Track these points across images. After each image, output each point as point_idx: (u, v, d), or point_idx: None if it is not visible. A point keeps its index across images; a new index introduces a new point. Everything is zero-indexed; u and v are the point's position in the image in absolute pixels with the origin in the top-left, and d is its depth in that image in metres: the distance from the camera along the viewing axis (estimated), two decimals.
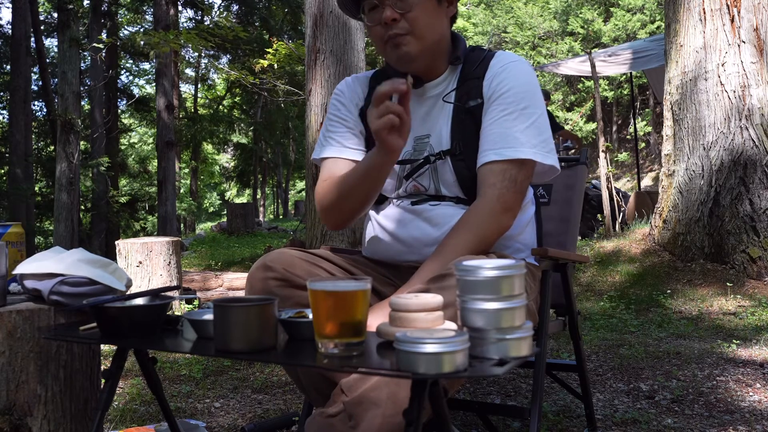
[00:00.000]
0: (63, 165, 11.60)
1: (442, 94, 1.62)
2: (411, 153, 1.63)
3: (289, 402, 2.46)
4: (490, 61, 1.61)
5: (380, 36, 1.57)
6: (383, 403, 1.18)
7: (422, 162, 1.60)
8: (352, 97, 1.73)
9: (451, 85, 1.63)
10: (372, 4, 1.57)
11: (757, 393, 2.42)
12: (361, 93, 1.73)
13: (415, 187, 1.62)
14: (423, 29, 1.54)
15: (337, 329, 1.07)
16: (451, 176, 1.58)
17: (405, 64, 1.57)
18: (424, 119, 1.63)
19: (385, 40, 1.56)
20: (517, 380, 2.69)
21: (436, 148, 1.59)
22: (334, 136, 1.70)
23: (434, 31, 1.57)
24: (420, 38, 1.54)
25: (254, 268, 1.54)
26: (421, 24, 1.54)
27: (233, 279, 5.22)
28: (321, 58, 4.99)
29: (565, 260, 1.83)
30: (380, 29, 1.56)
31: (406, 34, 1.53)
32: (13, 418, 1.46)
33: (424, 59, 1.58)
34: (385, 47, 1.57)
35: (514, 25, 19.82)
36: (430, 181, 1.61)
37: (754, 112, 4.69)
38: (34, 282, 1.53)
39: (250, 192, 28.95)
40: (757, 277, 4.41)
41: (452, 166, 1.57)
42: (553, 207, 2.11)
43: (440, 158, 1.58)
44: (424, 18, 1.54)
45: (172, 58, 15.06)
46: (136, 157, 25.67)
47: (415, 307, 1.13)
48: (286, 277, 1.50)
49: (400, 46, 1.54)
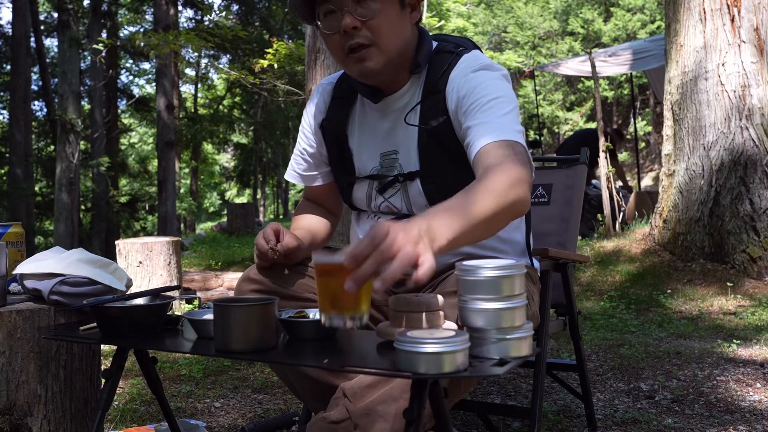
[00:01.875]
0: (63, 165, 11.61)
1: (405, 108, 1.53)
2: (378, 169, 1.56)
3: (289, 402, 2.46)
4: (451, 72, 1.48)
5: (339, 45, 1.45)
6: (391, 418, 1.16)
7: (392, 180, 1.54)
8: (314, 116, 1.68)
9: (415, 97, 1.52)
10: (328, 9, 1.43)
11: (757, 393, 2.42)
12: (322, 106, 1.67)
13: (387, 208, 1.58)
14: (386, 39, 1.43)
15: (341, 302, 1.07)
16: (422, 198, 1.51)
17: (367, 79, 1.49)
18: (389, 134, 1.56)
19: (346, 52, 1.44)
20: (517, 380, 2.69)
21: (405, 168, 1.53)
22: (296, 167, 1.73)
23: (398, 40, 1.45)
24: (384, 50, 1.43)
25: (240, 280, 1.54)
26: (383, 33, 1.42)
27: (233, 279, 5.22)
28: (321, 58, 4.99)
29: (566, 260, 1.83)
30: (338, 38, 1.44)
31: (369, 45, 1.42)
32: (13, 418, 1.46)
33: (388, 72, 1.48)
34: (346, 59, 1.46)
35: (514, 25, 19.81)
36: (402, 202, 1.55)
37: (755, 112, 4.68)
38: (34, 282, 1.53)
39: (250, 192, 28.94)
40: (758, 277, 4.41)
41: (422, 189, 1.51)
42: (553, 207, 2.11)
43: (410, 179, 1.52)
44: (387, 26, 1.42)
45: (172, 58, 15.06)
46: (136, 157, 25.68)
47: (415, 307, 1.13)
48: (270, 288, 1.49)
49: (363, 61, 1.43)
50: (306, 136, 1.69)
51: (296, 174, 1.73)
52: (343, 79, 1.65)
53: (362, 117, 1.60)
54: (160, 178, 14.59)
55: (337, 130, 1.61)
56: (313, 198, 1.78)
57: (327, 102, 1.65)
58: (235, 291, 1.54)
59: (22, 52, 14.83)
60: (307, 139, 1.69)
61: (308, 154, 1.69)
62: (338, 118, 1.61)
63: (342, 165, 1.62)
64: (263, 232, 1.51)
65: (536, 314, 1.60)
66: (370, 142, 1.58)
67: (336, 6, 1.41)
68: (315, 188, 1.75)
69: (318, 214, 1.74)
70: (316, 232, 1.68)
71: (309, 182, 1.73)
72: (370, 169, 1.58)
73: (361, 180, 1.60)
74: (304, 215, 1.74)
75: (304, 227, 1.68)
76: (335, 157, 1.64)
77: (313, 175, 1.71)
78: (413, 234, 0.99)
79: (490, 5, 21.61)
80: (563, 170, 2.18)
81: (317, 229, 1.69)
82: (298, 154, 1.72)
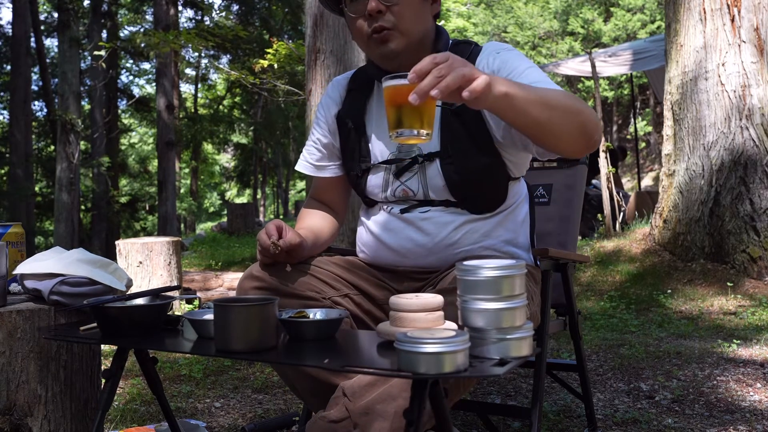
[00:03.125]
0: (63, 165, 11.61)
1: None
2: (396, 153, 1.58)
3: (289, 402, 2.46)
4: (477, 56, 1.55)
5: (363, 29, 1.52)
6: (390, 417, 1.16)
7: (410, 162, 1.57)
8: (329, 107, 1.71)
9: None
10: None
11: (757, 393, 2.42)
12: (338, 98, 1.71)
13: (403, 192, 1.58)
14: (408, 24, 1.50)
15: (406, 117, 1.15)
16: (440, 180, 1.53)
17: (389, 62, 1.53)
18: None
19: (369, 35, 1.51)
20: (518, 380, 2.69)
21: (424, 150, 1.55)
22: (308, 157, 1.75)
23: (419, 26, 1.53)
24: (405, 34, 1.50)
25: (242, 277, 1.54)
26: (406, 18, 1.49)
27: (233, 279, 5.22)
28: (321, 58, 4.99)
29: (566, 260, 1.83)
30: (363, 22, 1.51)
31: (391, 29, 1.49)
32: (14, 418, 1.46)
33: (408, 56, 1.50)
34: (369, 42, 1.52)
35: (514, 25, 19.80)
36: (419, 184, 1.56)
37: (755, 112, 4.68)
38: (34, 282, 1.53)
39: (251, 192, 28.94)
40: (758, 277, 4.41)
41: (441, 170, 1.52)
42: (553, 207, 2.11)
43: (429, 160, 1.54)
44: (410, 12, 1.50)
45: (172, 58, 15.07)
46: (136, 157, 25.69)
47: (415, 307, 1.13)
48: (274, 286, 1.49)
49: (385, 42, 1.50)
50: (320, 127, 1.72)
51: (308, 164, 1.75)
52: (358, 73, 1.70)
53: (380, 106, 1.63)
54: (160, 178, 14.60)
55: (354, 119, 1.64)
56: (320, 195, 1.78)
57: (342, 95, 1.70)
58: (238, 288, 1.54)
59: (22, 52, 14.84)
60: (321, 129, 1.71)
61: (321, 144, 1.72)
62: (355, 107, 1.65)
63: (358, 153, 1.64)
64: (265, 228, 1.52)
65: (536, 314, 1.60)
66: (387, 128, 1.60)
67: None
68: (323, 182, 1.76)
69: (323, 215, 1.75)
70: (320, 232, 1.69)
71: (320, 172, 1.74)
72: (388, 155, 1.60)
73: (377, 167, 1.61)
74: (308, 215, 1.75)
75: (308, 227, 1.68)
76: (351, 147, 1.65)
77: (325, 166, 1.73)
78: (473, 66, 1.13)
79: (490, 5, 21.60)
80: (563, 170, 2.18)
81: (321, 229, 1.70)
82: (312, 144, 1.74)
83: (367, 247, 1.67)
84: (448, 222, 1.54)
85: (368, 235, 1.66)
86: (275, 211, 32.23)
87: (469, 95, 1.10)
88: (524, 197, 1.69)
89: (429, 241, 1.55)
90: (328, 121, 1.70)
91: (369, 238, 1.66)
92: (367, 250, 1.68)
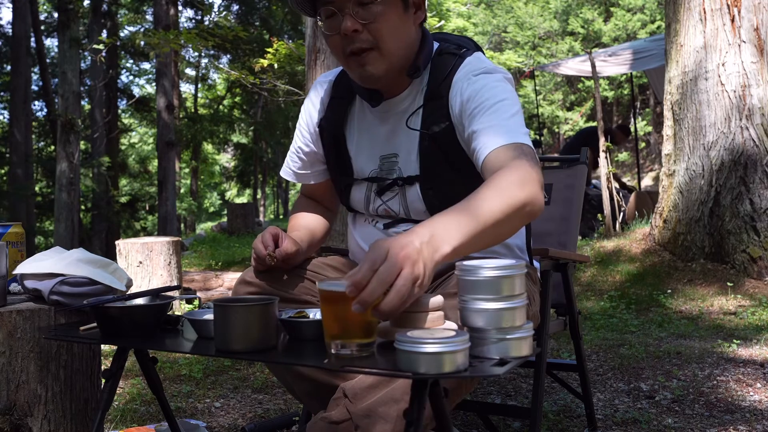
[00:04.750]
0: (63, 165, 11.61)
1: (406, 112, 1.51)
2: (378, 171, 1.55)
3: (289, 402, 2.46)
4: (456, 72, 1.45)
5: (340, 47, 1.42)
6: (393, 420, 1.15)
7: (391, 183, 1.52)
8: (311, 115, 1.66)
9: (416, 101, 1.50)
10: (330, 12, 1.39)
11: (757, 393, 2.42)
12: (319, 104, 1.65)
13: (385, 211, 1.56)
14: (388, 42, 1.39)
15: (348, 330, 1.06)
16: (421, 204, 1.50)
17: (368, 83, 1.46)
18: (389, 138, 1.54)
19: (347, 54, 1.41)
20: (518, 380, 2.69)
21: (404, 172, 1.51)
22: (291, 165, 1.73)
23: (400, 44, 1.42)
24: (386, 54, 1.40)
25: (237, 282, 1.54)
26: (385, 36, 1.39)
27: (233, 279, 5.22)
28: (321, 58, 4.98)
29: (566, 260, 1.83)
30: (339, 39, 1.40)
31: (371, 49, 1.39)
32: (14, 418, 1.46)
33: (389, 78, 1.45)
34: (348, 61, 1.43)
35: (514, 25, 19.80)
36: (400, 206, 1.54)
37: (755, 112, 4.68)
38: (34, 282, 1.53)
39: (251, 192, 28.94)
40: (758, 277, 4.41)
41: (421, 195, 1.49)
42: (553, 207, 2.11)
43: (409, 183, 1.51)
44: (389, 29, 1.39)
45: (172, 57, 15.06)
46: (136, 157, 25.68)
47: (415, 307, 1.13)
48: (268, 292, 1.49)
49: (364, 66, 1.41)
50: (302, 135, 1.68)
51: (291, 171, 1.73)
52: (341, 77, 1.63)
53: (361, 118, 1.59)
54: (160, 178, 14.59)
55: (335, 131, 1.60)
56: (311, 194, 1.78)
57: (325, 101, 1.63)
58: (232, 294, 1.54)
59: (22, 52, 14.84)
60: (303, 138, 1.68)
61: (303, 153, 1.69)
62: (336, 118, 1.60)
63: (340, 166, 1.62)
64: (262, 237, 1.50)
65: (536, 314, 1.60)
66: (369, 144, 1.57)
67: (337, 7, 1.38)
68: (309, 187, 1.75)
69: (315, 211, 1.74)
70: (314, 231, 1.68)
71: (303, 180, 1.73)
72: (369, 172, 1.57)
73: (360, 182, 1.59)
74: (301, 213, 1.74)
75: (303, 227, 1.68)
76: (333, 159, 1.63)
77: (307, 174, 1.72)
78: (413, 249, 0.98)
79: (490, 5, 21.60)
80: (563, 170, 2.18)
81: (315, 228, 1.69)
82: (294, 152, 1.71)
83: (355, 255, 1.68)
84: None
85: (355, 244, 1.66)
86: (275, 211, 32.23)
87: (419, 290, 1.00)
88: None
89: None
90: (310, 128, 1.66)
91: (356, 247, 1.66)
92: (355, 259, 1.69)
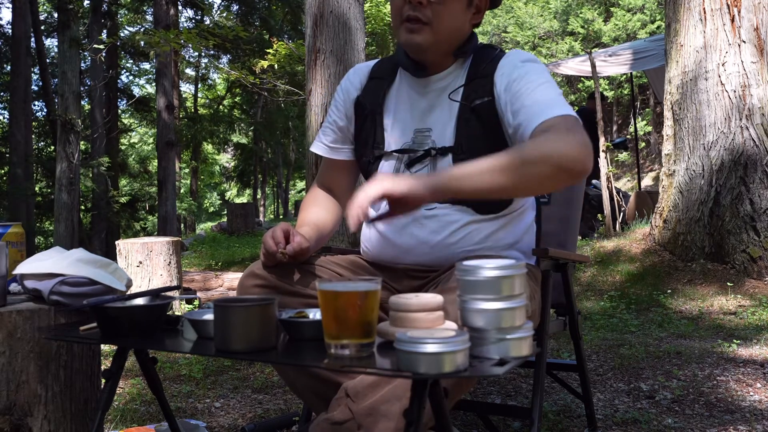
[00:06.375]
0: (63, 165, 11.61)
1: (446, 89, 1.59)
2: (410, 144, 1.60)
3: (289, 402, 2.46)
4: (500, 61, 1.57)
5: (400, 11, 1.53)
6: (395, 417, 1.16)
7: (423, 154, 1.57)
8: (349, 91, 1.73)
9: (458, 80, 1.59)
10: None
11: (757, 393, 2.42)
12: (358, 84, 1.72)
13: None
14: (443, 24, 1.51)
15: (347, 330, 1.06)
16: None
17: (412, 51, 1.56)
18: (426, 113, 1.60)
19: (403, 19, 1.52)
20: (518, 380, 2.69)
21: (438, 144, 1.57)
22: (323, 138, 1.77)
23: (452, 31, 1.55)
24: (436, 32, 1.51)
25: (244, 275, 1.54)
26: (443, 19, 1.51)
27: (233, 279, 5.22)
28: (321, 58, 4.99)
29: (566, 260, 1.83)
30: (402, 3, 1.52)
31: (425, 23, 1.51)
32: (14, 418, 1.46)
33: (434, 52, 1.55)
34: (401, 25, 1.54)
35: (514, 25, 19.81)
36: None
37: (755, 112, 4.68)
38: (34, 282, 1.53)
39: (251, 192, 28.93)
40: (758, 277, 4.41)
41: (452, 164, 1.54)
42: (553, 207, 2.11)
43: (442, 154, 1.56)
44: (449, 15, 1.52)
45: (172, 57, 15.06)
46: (136, 157, 25.68)
47: (415, 307, 1.13)
48: (274, 284, 1.49)
49: (413, 33, 1.52)
50: (337, 110, 1.74)
51: (323, 145, 1.77)
52: (382, 62, 1.72)
53: (399, 94, 1.65)
54: (160, 178, 14.58)
55: (373, 104, 1.66)
56: (327, 180, 1.80)
57: (363, 81, 1.71)
58: (239, 286, 1.54)
59: (22, 52, 14.83)
60: (338, 112, 1.73)
61: (337, 127, 1.74)
62: (375, 94, 1.67)
63: (373, 139, 1.65)
64: (273, 233, 1.51)
65: (536, 314, 1.60)
66: (405, 117, 1.62)
67: None
68: (334, 165, 1.77)
69: (327, 205, 1.76)
70: (323, 228, 1.70)
71: (334, 154, 1.76)
72: (402, 145, 1.61)
73: (390, 155, 1.62)
74: (313, 207, 1.75)
75: (312, 222, 1.69)
76: (366, 132, 1.66)
77: (339, 148, 1.75)
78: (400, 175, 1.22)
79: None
80: None
81: (324, 224, 1.71)
82: (328, 125, 1.76)
83: (370, 242, 1.68)
84: (452, 221, 1.54)
85: (372, 232, 1.67)
86: (275, 211, 32.22)
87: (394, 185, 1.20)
88: (530, 204, 1.70)
89: (431, 239, 1.55)
90: (346, 105, 1.72)
91: (372, 233, 1.67)
92: (369, 245, 1.69)
